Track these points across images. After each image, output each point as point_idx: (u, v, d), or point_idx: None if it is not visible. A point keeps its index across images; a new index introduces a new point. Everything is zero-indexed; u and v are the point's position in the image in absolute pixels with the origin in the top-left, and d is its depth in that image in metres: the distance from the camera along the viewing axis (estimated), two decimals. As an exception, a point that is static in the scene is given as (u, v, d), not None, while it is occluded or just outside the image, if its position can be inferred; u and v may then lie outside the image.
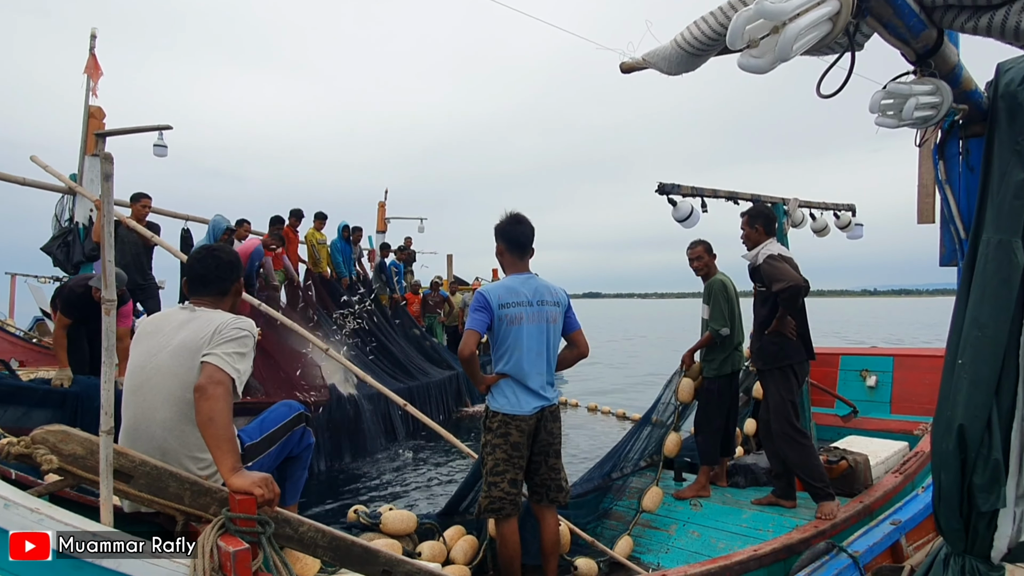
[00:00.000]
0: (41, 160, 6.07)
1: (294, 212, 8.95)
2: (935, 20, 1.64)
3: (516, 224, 2.95)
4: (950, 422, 1.93)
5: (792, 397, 3.71)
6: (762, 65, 1.36)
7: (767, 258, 3.68)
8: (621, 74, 2.49)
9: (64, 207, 6.51)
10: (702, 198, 4.02)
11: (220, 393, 1.85)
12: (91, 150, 6.60)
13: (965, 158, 2.09)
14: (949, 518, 1.98)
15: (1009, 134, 1.87)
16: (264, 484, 1.75)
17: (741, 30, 1.34)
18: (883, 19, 1.57)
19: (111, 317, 1.63)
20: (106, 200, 1.55)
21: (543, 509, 2.96)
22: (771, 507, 3.90)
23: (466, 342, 2.77)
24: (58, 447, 1.66)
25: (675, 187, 3.82)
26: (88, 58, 6.96)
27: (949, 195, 2.13)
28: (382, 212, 13.60)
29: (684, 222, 3.87)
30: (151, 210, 6.51)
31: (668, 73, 2.21)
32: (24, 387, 3.69)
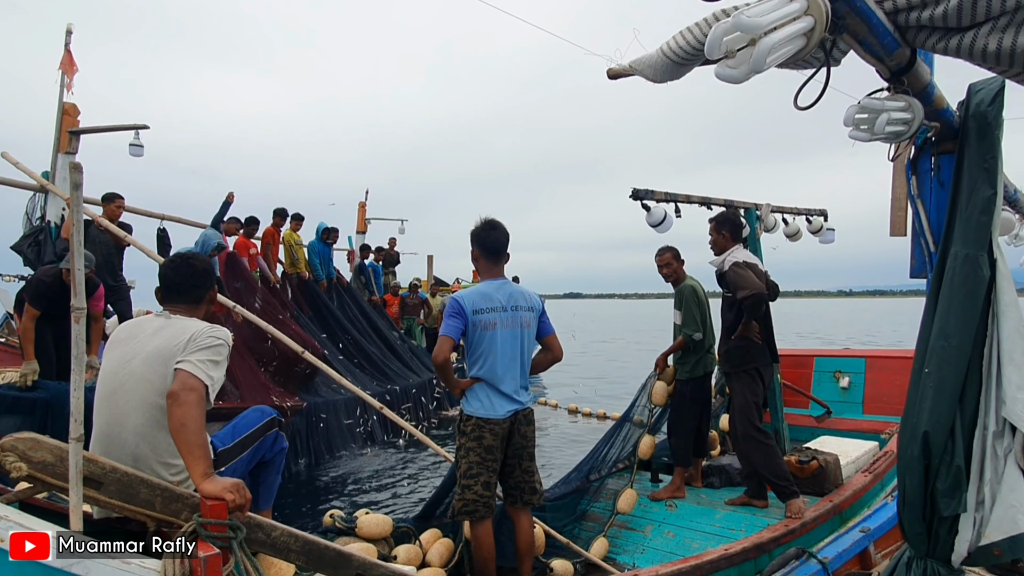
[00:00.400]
0: (12, 157, 5.95)
1: (278, 211, 8.87)
2: (908, 40, 1.71)
3: (490, 230, 2.98)
4: (915, 428, 1.99)
5: (756, 399, 3.81)
6: (737, 75, 1.41)
7: (732, 265, 3.78)
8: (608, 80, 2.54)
9: (35, 205, 6.38)
10: (675, 203, 4.08)
11: (193, 400, 1.86)
12: (64, 148, 6.47)
13: (936, 174, 2.16)
14: (912, 522, 2.04)
15: (978, 152, 1.95)
16: (235, 489, 1.76)
17: (719, 41, 1.39)
18: (859, 36, 1.64)
19: (80, 325, 1.63)
20: (75, 209, 1.56)
21: (517, 511, 2.99)
22: (744, 507, 3.98)
23: (440, 348, 2.79)
24: (27, 455, 1.66)
25: (649, 192, 3.89)
26: (63, 54, 6.83)
27: (920, 209, 2.20)
28: (362, 213, 13.48)
29: (658, 227, 3.94)
30: (125, 210, 6.44)
31: (654, 80, 2.26)
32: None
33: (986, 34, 1.47)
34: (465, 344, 2.96)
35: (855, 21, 1.54)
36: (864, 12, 1.52)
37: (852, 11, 1.50)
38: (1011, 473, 1.92)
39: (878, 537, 3.40)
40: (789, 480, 3.70)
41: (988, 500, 1.92)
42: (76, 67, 6.89)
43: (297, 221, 9.23)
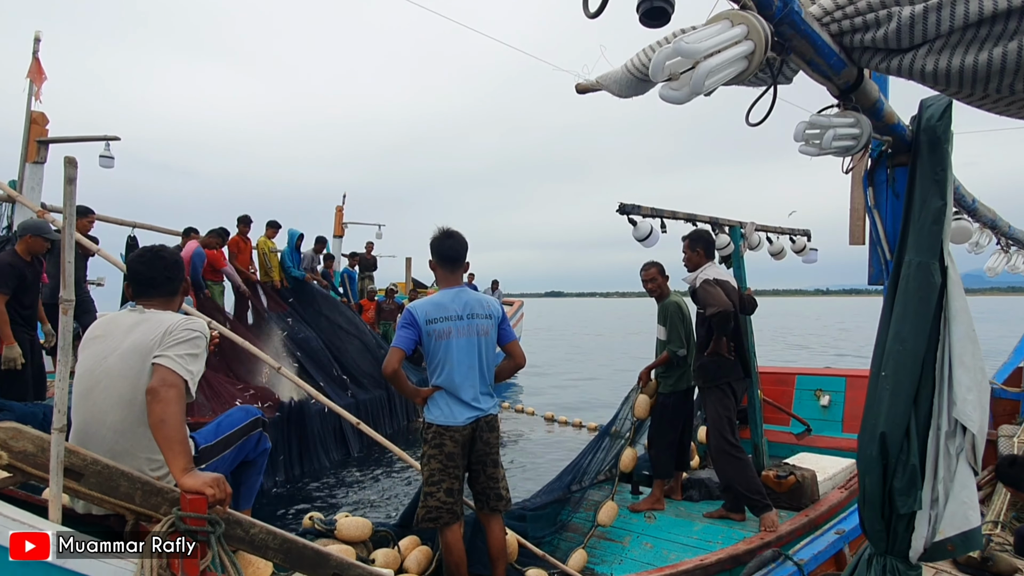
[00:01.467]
0: None
1: (242, 219, 8.88)
2: (855, 59, 1.80)
3: (447, 239, 3.03)
4: (874, 430, 2.07)
5: (729, 413, 3.89)
6: (679, 97, 1.47)
7: (703, 282, 3.90)
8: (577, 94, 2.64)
9: (2, 215, 6.32)
10: (661, 219, 4.17)
11: (172, 396, 1.87)
12: (32, 157, 6.42)
13: (892, 185, 2.26)
14: (872, 520, 2.11)
15: (930, 165, 2.06)
16: (215, 484, 1.79)
17: (662, 65, 1.46)
18: (805, 57, 1.73)
19: (68, 316, 1.67)
20: (68, 203, 1.60)
21: (487, 517, 3.03)
22: (721, 520, 4.03)
23: (389, 360, 2.83)
24: (8, 444, 1.69)
25: (635, 207, 3.97)
26: (31, 62, 6.78)
27: (877, 219, 2.29)
28: (339, 217, 13.44)
29: (644, 241, 4.02)
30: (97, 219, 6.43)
31: (620, 95, 2.37)
32: None
33: (923, 55, 1.57)
34: (423, 354, 3.00)
35: (801, 43, 1.63)
36: (809, 35, 1.61)
37: (797, 34, 1.58)
38: (963, 471, 1.99)
39: (853, 539, 3.46)
40: (762, 494, 3.77)
41: (942, 497, 2.00)
42: (45, 76, 6.82)
43: (272, 228, 9.25)
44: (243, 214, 8.92)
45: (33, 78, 6.75)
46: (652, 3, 1.44)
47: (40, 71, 6.80)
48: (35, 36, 6.92)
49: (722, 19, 1.46)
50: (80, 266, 6.19)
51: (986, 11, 1.40)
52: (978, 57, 1.43)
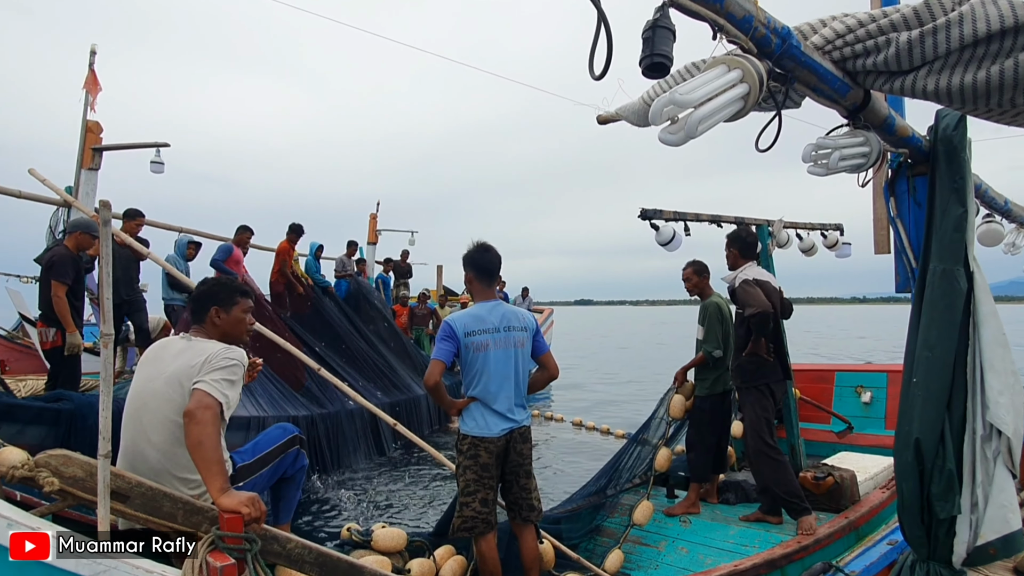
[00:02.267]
0: (39, 173, 6.15)
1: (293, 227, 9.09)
2: (859, 82, 1.82)
3: (484, 252, 3.07)
4: (908, 436, 2.05)
5: (767, 415, 3.82)
6: (675, 140, 1.55)
7: (742, 282, 3.85)
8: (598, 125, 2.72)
9: (59, 219, 6.57)
10: (684, 222, 4.14)
11: (208, 418, 1.98)
12: (88, 164, 6.68)
13: (913, 195, 2.24)
14: (912, 526, 2.09)
15: (948, 174, 2.04)
16: (251, 503, 1.87)
17: (660, 111, 1.53)
18: (810, 85, 1.78)
19: (109, 350, 1.77)
20: (104, 243, 1.69)
21: (519, 527, 3.07)
22: (758, 523, 3.97)
23: (431, 372, 2.88)
24: (59, 470, 1.80)
25: (657, 212, 3.96)
26: (87, 73, 7.09)
27: (900, 228, 2.28)
28: (373, 224, 13.65)
29: (667, 246, 4.00)
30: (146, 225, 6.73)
31: (638, 125, 2.46)
32: (19, 405, 3.74)
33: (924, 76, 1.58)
34: (460, 365, 3.05)
35: (803, 73, 1.69)
36: (810, 65, 1.68)
37: (799, 65, 1.64)
38: (1000, 475, 1.97)
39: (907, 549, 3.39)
40: (800, 496, 3.70)
41: (981, 501, 1.98)
42: (100, 87, 7.12)
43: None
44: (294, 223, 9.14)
45: (89, 89, 7.05)
46: (652, 59, 1.52)
47: (95, 82, 7.11)
48: (91, 49, 7.24)
49: (719, 64, 1.53)
50: (133, 267, 6.49)
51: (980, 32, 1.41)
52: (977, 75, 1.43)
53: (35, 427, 3.67)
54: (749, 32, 1.51)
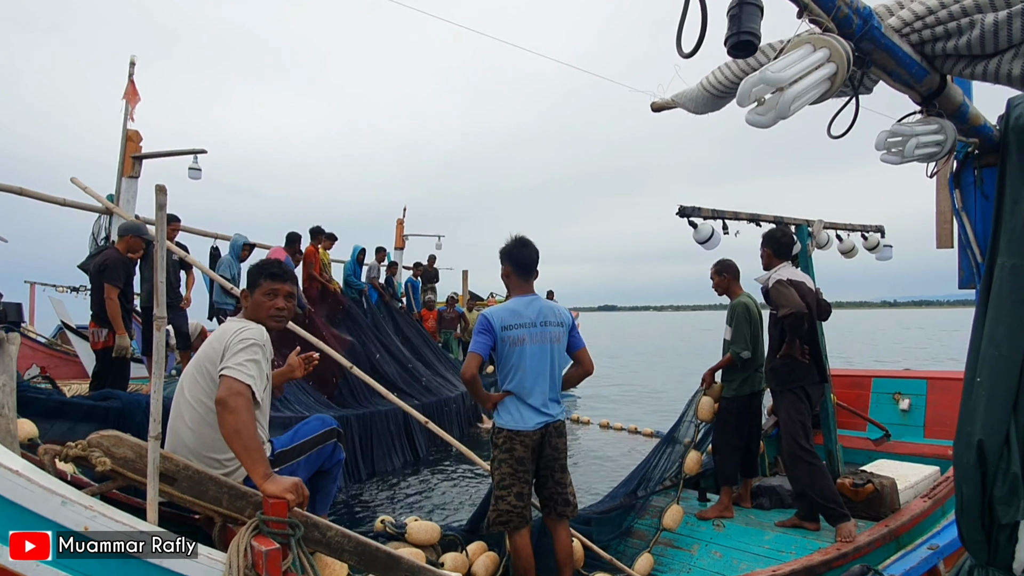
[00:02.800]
0: (80, 182, 6.31)
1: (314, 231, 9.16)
2: (937, 67, 1.76)
3: (522, 247, 3.07)
4: (970, 437, 1.99)
5: (802, 418, 3.74)
6: (765, 122, 1.51)
7: (776, 283, 3.77)
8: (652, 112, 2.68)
9: (101, 227, 6.75)
10: (723, 220, 4.08)
11: (241, 404, 1.99)
12: (128, 172, 6.89)
13: (980, 186, 2.17)
14: (971, 530, 2.02)
15: (1019, 164, 1.95)
16: (295, 489, 1.89)
17: (748, 91, 1.49)
18: (887, 69, 1.72)
19: (161, 333, 1.79)
20: (159, 227, 1.72)
21: (553, 522, 3.05)
22: (794, 529, 3.89)
23: (468, 365, 2.90)
24: (111, 451, 1.83)
25: (695, 209, 3.90)
26: (127, 84, 7.29)
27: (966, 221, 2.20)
28: (400, 229, 13.78)
29: (705, 244, 3.94)
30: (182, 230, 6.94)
31: (695, 112, 2.41)
32: (70, 403, 3.86)
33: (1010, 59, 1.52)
34: (495, 359, 3.05)
35: (881, 56, 1.63)
36: (889, 47, 1.61)
37: (877, 48, 1.58)
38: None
39: (948, 554, 3.29)
40: (838, 502, 3.61)
41: (1047, 506, 1.89)
42: (139, 96, 7.32)
43: (329, 240, 9.55)
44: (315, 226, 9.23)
45: (128, 99, 7.25)
46: (739, 37, 1.48)
47: (135, 92, 7.30)
48: (131, 60, 7.42)
49: (804, 43, 1.49)
50: (174, 271, 6.62)
51: None
52: None
53: (85, 424, 3.77)
54: (832, 12, 1.47)
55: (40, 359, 8.91)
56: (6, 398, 1.74)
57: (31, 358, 8.66)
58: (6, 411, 1.74)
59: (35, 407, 3.52)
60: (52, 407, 3.70)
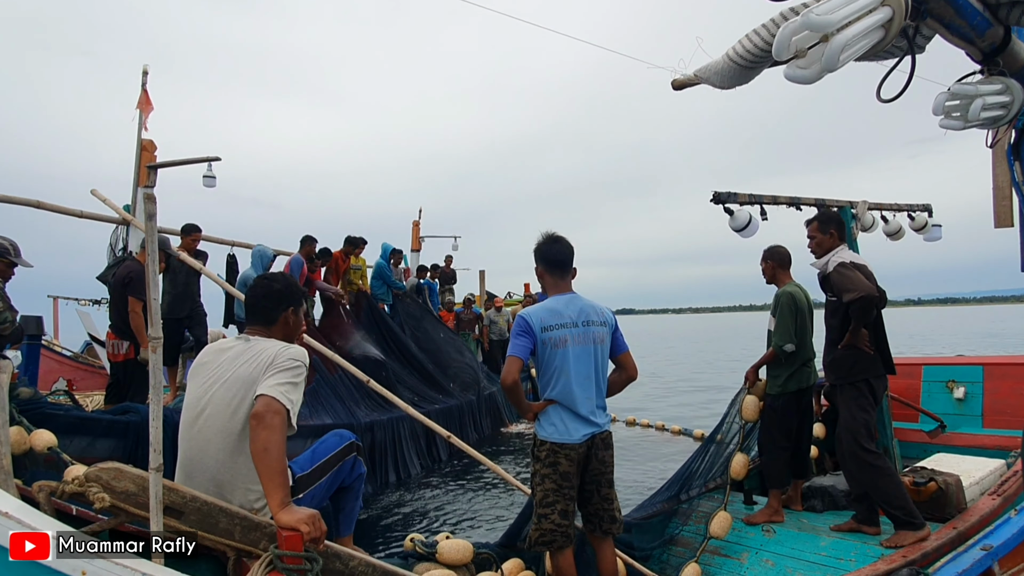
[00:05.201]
0: (100, 193, 6.31)
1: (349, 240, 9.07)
2: (1000, 18, 1.53)
3: (553, 243, 2.87)
4: None
5: (866, 415, 3.44)
6: (809, 75, 1.34)
7: (838, 266, 3.44)
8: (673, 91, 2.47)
9: (118, 237, 6.71)
10: (761, 206, 3.82)
11: (277, 423, 1.84)
12: (143, 182, 6.77)
13: None
14: None
15: None
16: (311, 521, 1.72)
17: (787, 41, 1.33)
18: (944, 20, 1.51)
19: (157, 355, 1.64)
20: (150, 239, 1.57)
21: (598, 540, 2.85)
22: (852, 533, 3.61)
23: (508, 370, 2.68)
24: (111, 484, 1.68)
25: (731, 195, 3.65)
26: (140, 93, 7.23)
27: None
28: (416, 231, 13.69)
29: (742, 232, 3.67)
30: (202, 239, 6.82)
31: (721, 87, 2.19)
32: (89, 418, 3.83)
33: None
34: (535, 364, 2.83)
35: (939, 5, 1.43)
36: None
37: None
38: None
39: (1003, 555, 3.00)
40: (909, 508, 3.29)
41: None
42: (152, 106, 7.27)
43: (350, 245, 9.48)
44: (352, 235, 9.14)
45: (142, 108, 7.21)
46: None
47: (148, 102, 7.26)
48: (143, 70, 7.38)
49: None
50: (194, 281, 6.56)
51: None
52: None
53: (105, 440, 3.73)
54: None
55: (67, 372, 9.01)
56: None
57: (58, 372, 8.75)
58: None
59: (54, 424, 3.46)
60: (71, 423, 3.66)
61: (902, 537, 3.27)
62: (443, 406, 8.43)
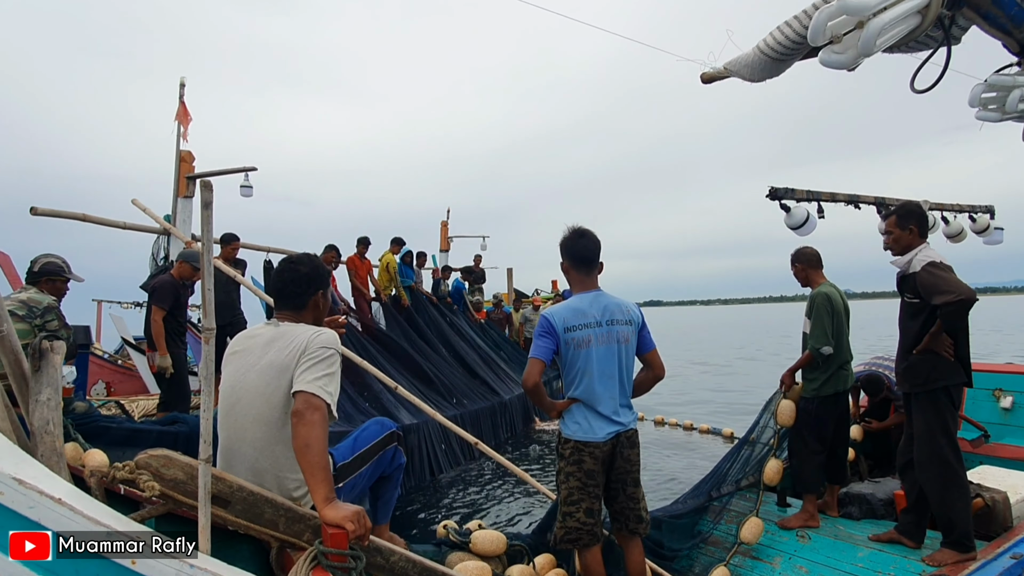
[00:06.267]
0: (140, 203, 6.41)
1: (361, 240, 8.98)
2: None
3: (579, 238, 2.78)
4: None
5: (945, 425, 3.22)
6: (844, 61, 1.35)
7: (927, 266, 3.17)
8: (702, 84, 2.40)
9: (160, 246, 6.84)
10: (819, 203, 3.65)
11: (317, 419, 1.82)
12: (183, 192, 6.95)
13: None
14: None
15: None
16: (356, 519, 1.70)
17: (823, 26, 1.34)
18: (981, 10, 1.48)
19: (211, 346, 1.61)
20: (205, 228, 1.53)
21: (625, 539, 2.82)
22: (891, 545, 3.51)
23: (530, 371, 2.63)
24: (160, 472, 1.68)
25: (789, 191, 3.50)
26: (178, 106, 7.33)
27: None
28: (445, 231, 13.67)
29: (798, 229, 3.52)
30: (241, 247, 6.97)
31: (751, 80, 2.14)
32: (140, 430, 3.92)
33: None
34: (559, 364, 2.78)
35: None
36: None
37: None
38: None
39: None
40: (967, 529, 3.15)
41: None
42: (190, 117, 7.39)
43: (396, 245, 9.42)
44: (362, 236, 9.10)
45: (180, 120, 7.32)
46: None
47: (186, 113, 7.36)
48: (180, 82, 7.44)
49: None
50: (234, 289, 6.66)
51: None
52: None
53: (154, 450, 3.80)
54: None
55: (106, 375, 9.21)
56: (51, 413, 1.61)
57: (97, 375, 8.91)
58: (51, 427, 1.60)
59: (107, 437, 3.58)
60: (124, 435, 3.77)
61: (946, 555, 3.16)
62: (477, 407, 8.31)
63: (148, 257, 6.86)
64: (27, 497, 1.42)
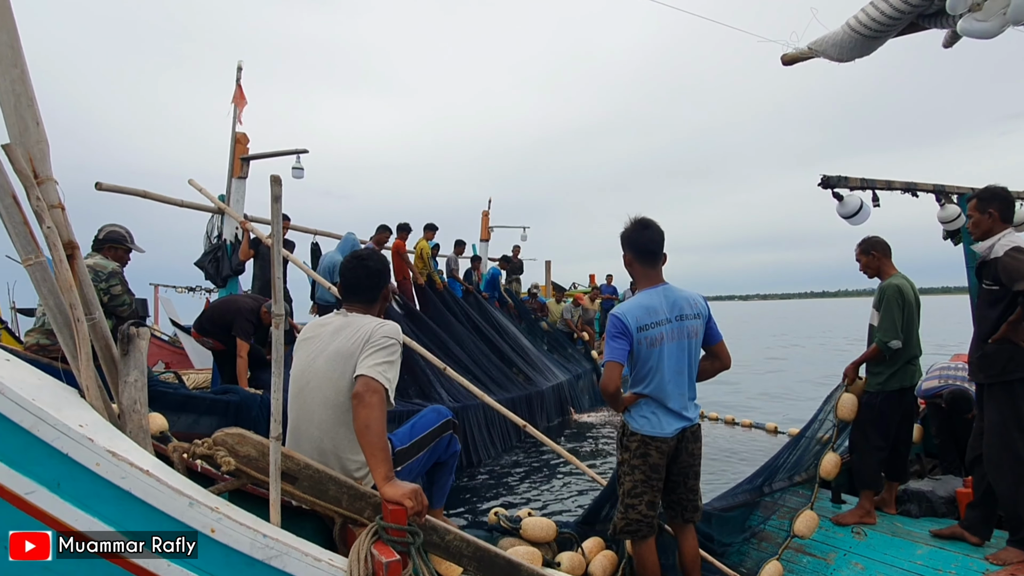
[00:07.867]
0: (197, 183, 6.69)
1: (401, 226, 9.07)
2: None
3: (644, 230, 2.75)
4: None
5: (1020, 418, 3.07)
6: (988, 29, 1.26)
7: (1010, 251, 3.01)
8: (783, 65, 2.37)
9: (214, 225, 7.13)
10: (873, 191, 3.56)
11: (376, 401, 1.92)
12: (237, 173, 7.21)
13: None
14: None
15: None
16: (414, 496, 1.79)
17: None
18: None
19: (280, 330, 1.72)
20: (275, 220, 1.63)
21: (680, 527, 2.85)
22: (952, 542, 3.39)
23: (609, 376, 2.61)
24: (235, 449, 1.80)
25: (842, 179, 3.42)
26: (235, 89, 7.58)
27: None
28: (485, 221, 13.78)
29: (852, 219, 3.43)
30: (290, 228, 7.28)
31: (839, 60, 2.08)
32: (195, 396, 4.14)
33: None
34: (629, 362, 2.77)
35: None
36: None
37: None
38: None
39: None
40: None
41: None
42: (246, 100, 7.61)
43: (430, 231, 9.53)
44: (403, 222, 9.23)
45: (236, 103, 7.55)
46: None
47: (242, 96, 7.60)
48: (238, 65, 7.71)
49: None
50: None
51: None
52: None
53: (208, 417, 4.03)
54: None
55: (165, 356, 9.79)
56: (138, 393, 1.74)
57: (157, 355, 9.54)
58: (138, 407, 1.73)
59: (164, 401, 3.77)
60: (179, 400, 3.96)
61: (1012, 554, 3.05)
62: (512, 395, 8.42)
63: (203, 235, 7.15)
64: (119, 468, 1.55)
